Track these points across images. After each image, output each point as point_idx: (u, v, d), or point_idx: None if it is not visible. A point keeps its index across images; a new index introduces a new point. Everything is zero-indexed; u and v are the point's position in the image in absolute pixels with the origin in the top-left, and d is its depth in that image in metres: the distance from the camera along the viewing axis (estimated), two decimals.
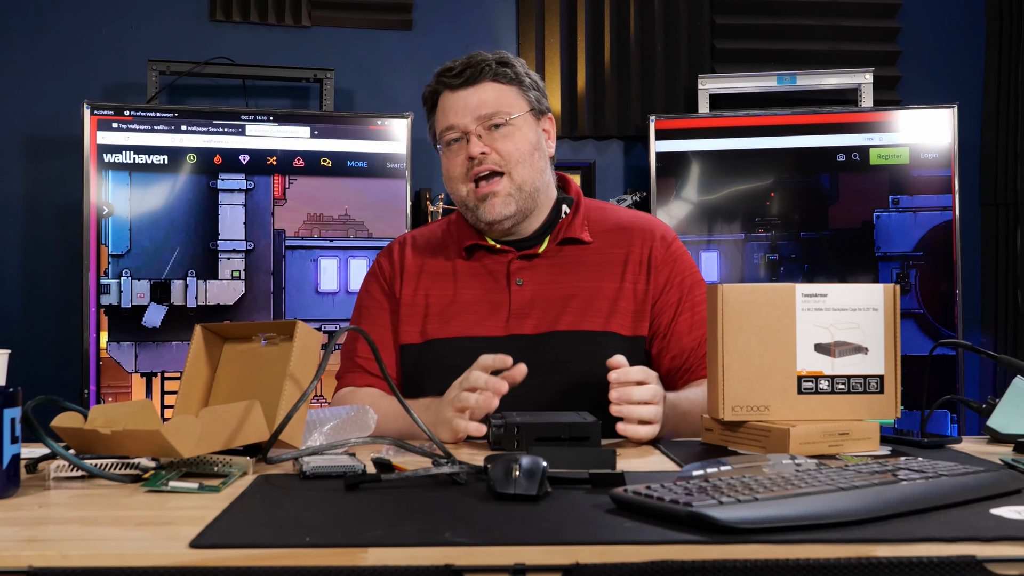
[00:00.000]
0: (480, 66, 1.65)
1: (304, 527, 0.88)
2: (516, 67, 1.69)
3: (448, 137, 1.66)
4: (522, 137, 1.65)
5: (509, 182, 1.64)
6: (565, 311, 1.64)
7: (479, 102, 1.64)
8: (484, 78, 1.65)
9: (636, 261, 1.68)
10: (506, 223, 1.66)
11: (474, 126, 1.64)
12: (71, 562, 0.78)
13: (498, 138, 1.64)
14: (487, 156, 1.63)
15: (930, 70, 3.50)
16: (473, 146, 1.63)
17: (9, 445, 1.00)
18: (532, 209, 1.68)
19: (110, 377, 2.91)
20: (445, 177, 1.70)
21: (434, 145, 1.74)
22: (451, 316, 1.66)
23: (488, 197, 1.63)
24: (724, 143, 3.19)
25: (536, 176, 1.67)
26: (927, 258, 3.10)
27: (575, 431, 1.32)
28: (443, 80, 1.67)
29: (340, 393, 1.70)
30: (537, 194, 1.68)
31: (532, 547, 0.80)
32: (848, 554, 0.78)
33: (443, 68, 1.68)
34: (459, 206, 1.70)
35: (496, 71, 1.66)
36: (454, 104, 1.66)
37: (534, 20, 3.45)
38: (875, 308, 1.31)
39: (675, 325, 1.67)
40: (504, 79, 1.67)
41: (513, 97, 1.67)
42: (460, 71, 1.66)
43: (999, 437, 1.42)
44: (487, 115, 1.64)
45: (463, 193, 1.66)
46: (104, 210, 2.92)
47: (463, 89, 1.65)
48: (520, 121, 1.66)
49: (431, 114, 1.73)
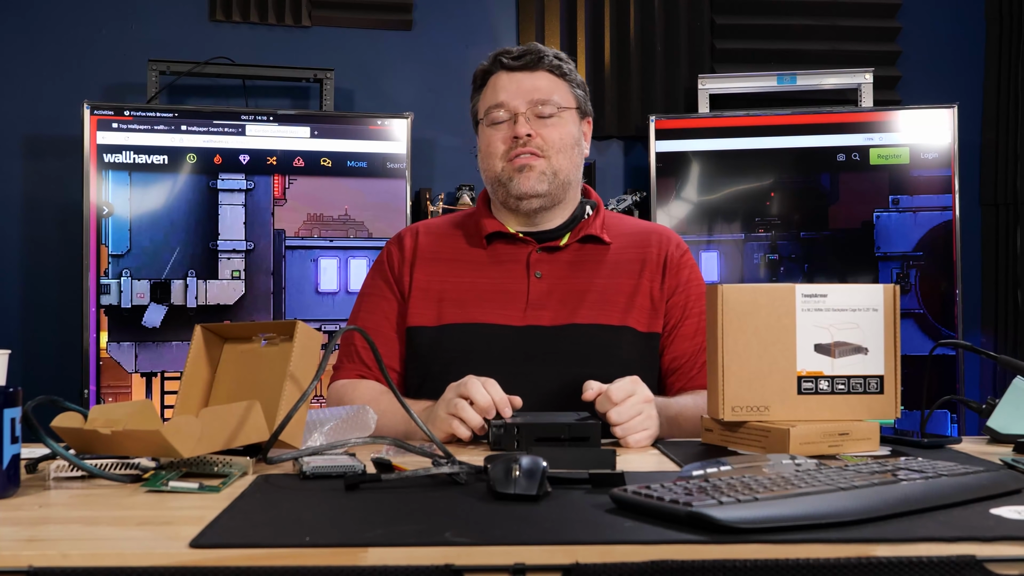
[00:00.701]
0: (540, 54, 1.70)
1: (304, 527, 0.88)
2: (572, 67, 1.75)
3: (495, 115, 1.69)
4: (566, 130, 1.69)
5: (547, 164, 1.67)
6: (582, 305, 1.65)
7: (533, 87, 1.68)
8: (542, 67, 1.70)
9: (653, 262, 1.71)
10: (535, 202, 1.68)
11: (524, 108, 1.67)
12: (71, 562, 0.78)
13: (545, 125, 1.68)
14: (532, 139, 1.66)
15: (930, 70, 3.50)
16: (520, 126, 1.66)
17: (9, 445, 1.00)
18: (561, 199, 1.71)
19: (110, 377, 2.91)
20: (483, 153, 1.72)
21: (473, 124, 1.78)
22: (468, 302, 1.67)
23: (524, 169, 1.66)
24: (724, 143, 3.19)
25: (571, 169, 1.70)
26: (927, 258, 3.10)
27: (575, 431, 1.32)
28: (501, 60, 1.71)
29: (337, 385, 1.69)
30: (568, 187, 1.71)
31: (532, 547, 0.80)
32: (848, 554, 0.78)
33: (501, 50, 1.73)
34: (491, 184, 1.72)
35: (553, 64, 1.71)
36: (507, 84, 1.69)
37: (534, 20, 3.45)
38: (875, 308, 1.31)
39: (679, 328, 1.69)
40: (559, 73, 1.72)
41: (565, 92, 1.72)
42: (520, 55, 1.70)
43: (999, 437, 1.42)
44: (539, 100, 1.68)
45: (499, 169, 1.69)
46: (104, 210, 2.93)
47: (520, 72, 1.70)
48: (567, 115, 1.70)
49: (477, 92, 1.76)
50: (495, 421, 1.34)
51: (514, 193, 1.67)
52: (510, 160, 1.67)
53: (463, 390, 1.39)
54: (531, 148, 1.66)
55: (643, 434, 1.40)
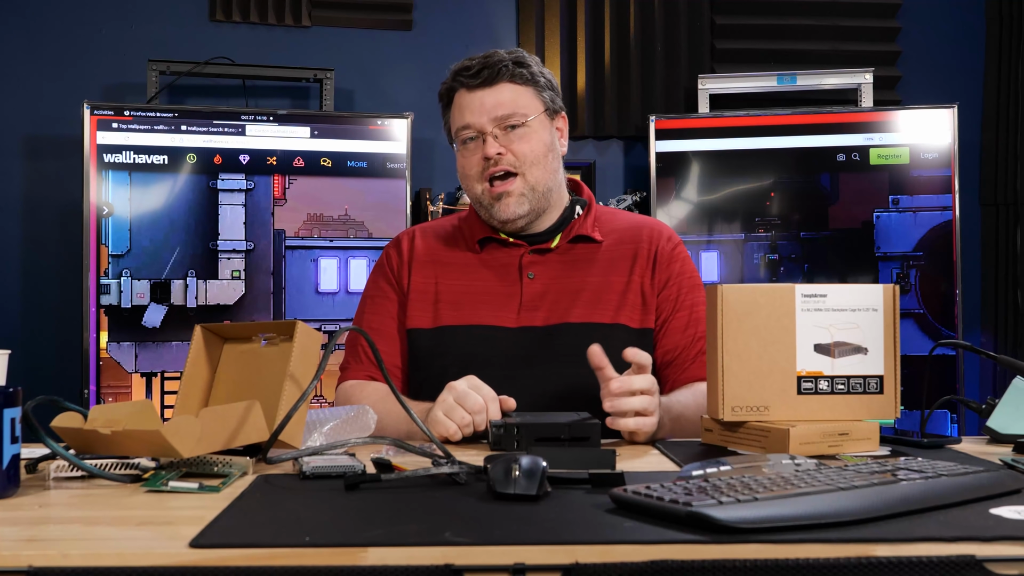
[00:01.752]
0: (497, 67, 1.66)
1: (304, 527, 0.88)
2: (532, 67, 1.70)
3: (464, 136, 1.68)
4: (537, 139, 1.67)
5: (523, 182, 1.66)
6: (575, 304, 1.66)
7: (495, 103, 1.66)
8: (501, 79, 1.67)
9: (644, 257, 1.71)
10: (519, 222, 1.69)
11: (490, 127, 1.66)
12: (71, 562, 0.78)
13: (514, 139, 1.66)
14: (503, 157, 1.65)
15: (930, 70, 3.50)
16: (489, 147, 1.65)
17: (9, 445, 1.00)
18: (545, 208, 1.71)
19: (110, 377, 2.91)
20: (460, 175, 1.72)
21: (449, 142, 1.76)
22: (463, 305, 1.68)
23: (503, 196, 1.66)
24: (724, 143, 3.19)
25: (549, 177, 1.69)
26: (927, 258, 3.10)
27: (575, 431, 1.32)
28: (460, 79, 1.69)
29: (345, 387, 1.70)
30: (550, 194, 1.71)
31: (532, 547, 0.80)
32: (848, 554, 0.78)
33: (460, 66, 1.70)
34: (474, 203, 1.73)
35: (513, 72, 1.67)
36: (470, 104, 1.67)
37: (534, 20, 3.45)
38: (875, 308, 1.31)
39: (671, 321, 1.69)
40: (520, 80, 1.68)
41: (529, 98, 1.69)
42: (477, 71, 1.67)
43: (999, 437, 1.42)
44: (503, 116, 1.65)
45: (478, 191, 1.68)
46: (104, 210, 2.93)
47: (480, 90, 1.67)
48: (536, 123, 1.68)
49: (447, 110, 1.75)
50: (495, 421, 1.34)
51: (497, 219, 1.68)
52: (487, 182, 1.66)
53: (458, 399, 1.39)
54: (504, 166, 1.65)
55: (642, 419, 1.39)
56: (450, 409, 1.39)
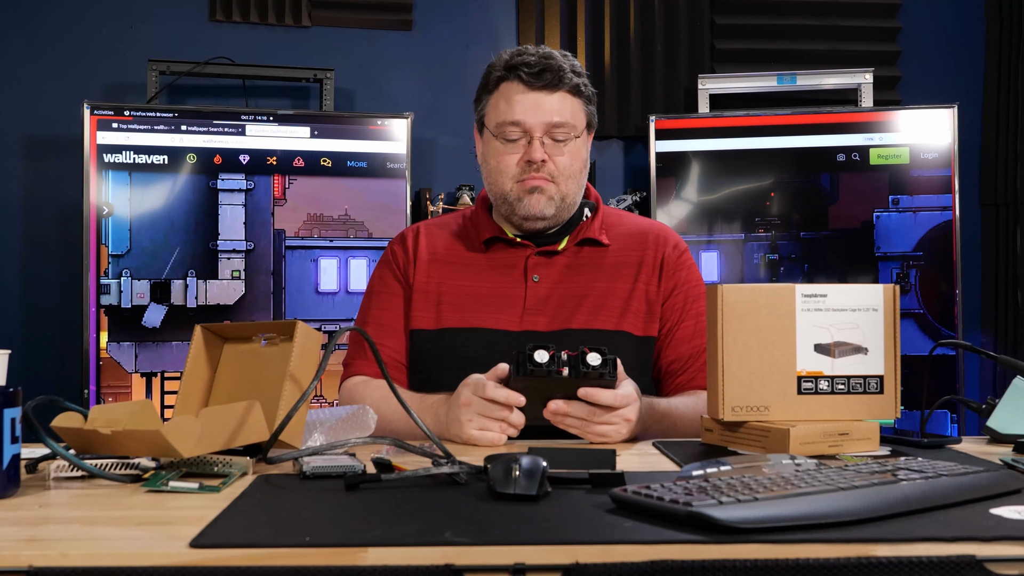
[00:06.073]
0: (559, 72, 1.63)
1: (304, 527, 0.88)
2: (585, 80, 1.69)
3: (509, 132, 1.65)
4: (578, 154, 1.67)
5: (556, 189, 1.65)
6: (579, 310, 1.65)
7: (552, 110, 1.64)
8: (562, 87, 1.64)
9: (650, 264, 1.71)
10: (539, 223, 1.68)
11: (540, 132, 1.64)
12: (71, 562, 0.78)
13: (558, 150, 1.65)
14: (544, 165, 1.64)
15: (930, 70, 3.50)
16: (536, 152, 1.63)
17: (9, 445, 1.00)
18: (565, 219, 1.71)
19: (110, 377, 2.91)
20: (490, 167, 1.69)
21: (477, 123, 1.73)
22: (466, 306, 1.67)
23: (535, 191, 1.64)
24: (724, 143, 3.19)
25: (578, 192, 1.70)
26: (927, 258, 3.10)
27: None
28: (520, 73, 1.64)
29: (349, 384, 1.68)
30: (573, 207, 1.71)
31: (532, 547, 0.80)
32: (848, 554, 0.78)
33: (519, 60, 1.65)
34: (496, 197, 1.70)
35: (572, 84, 1.65)
36: (524, 102, 1.64)
37: (534, 20, 3.45)
38: (875, 308, 1.31)
39: (677, 331, 1.69)
40: (575, 92, 1.66)
41: (579, 112, 1.68)
42: (540, 71, 1.63)
43: (999, 437, 1.42)
44: (556, 125, 1.64)
45: (507, 188, 1.66)
46: (104, 210, 2.93)
47: (539, 92, 1.64)
48: (581, 139, 1.68)
49: (487, 94, 1.70)
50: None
51: (521, 213, 1.66)
52: (520, 181, 1.65)
53: (485, 395, 1.38)
54: (543, 174, 1.64)
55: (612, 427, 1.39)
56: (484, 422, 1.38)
